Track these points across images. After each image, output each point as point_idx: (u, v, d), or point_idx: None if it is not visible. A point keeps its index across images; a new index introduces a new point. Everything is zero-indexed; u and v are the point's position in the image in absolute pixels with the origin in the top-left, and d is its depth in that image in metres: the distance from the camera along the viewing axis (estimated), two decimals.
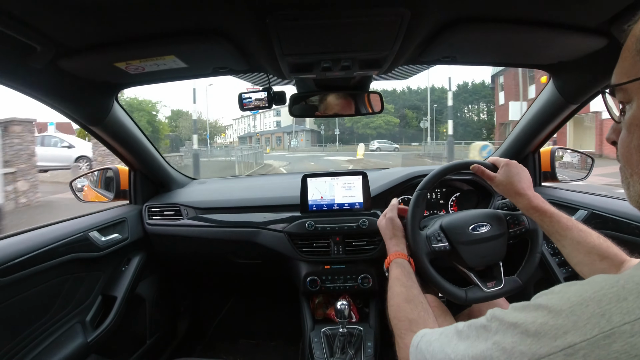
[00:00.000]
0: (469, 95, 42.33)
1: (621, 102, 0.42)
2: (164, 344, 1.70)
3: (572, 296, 0.33)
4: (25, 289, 0.98)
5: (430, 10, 0.72)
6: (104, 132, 1.23)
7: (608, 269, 0.70)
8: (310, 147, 40.43)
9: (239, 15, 0.71)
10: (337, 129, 38.00)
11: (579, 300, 0.32)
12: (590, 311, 0.31)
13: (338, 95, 1.24)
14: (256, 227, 1.45)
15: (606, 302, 0.30)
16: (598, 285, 0.33)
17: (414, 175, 1.50)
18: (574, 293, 0.34)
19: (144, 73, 0.98)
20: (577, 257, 0.76)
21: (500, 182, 0.90)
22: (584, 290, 0.33)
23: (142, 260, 1.45)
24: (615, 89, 0.42)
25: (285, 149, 41.07)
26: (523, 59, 1.06)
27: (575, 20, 0.78)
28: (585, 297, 0.32)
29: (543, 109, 1.26)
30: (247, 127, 54.99)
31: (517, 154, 1.47)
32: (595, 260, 0.73)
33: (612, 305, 0.30)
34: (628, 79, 0.39)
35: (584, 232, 0.77)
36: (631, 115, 0.40)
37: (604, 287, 0.32)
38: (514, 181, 0.87)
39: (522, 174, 0.89)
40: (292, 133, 43.22)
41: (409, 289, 0.78)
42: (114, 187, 1.53)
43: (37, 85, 0.91)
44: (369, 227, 1.35)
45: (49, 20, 0.68)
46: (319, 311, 1.42)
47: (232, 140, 58.67)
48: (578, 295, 0.33)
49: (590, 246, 0.74)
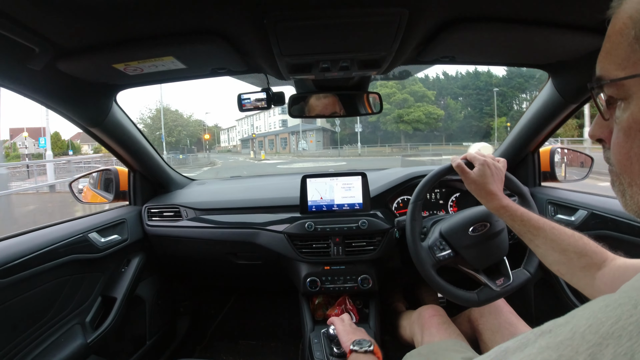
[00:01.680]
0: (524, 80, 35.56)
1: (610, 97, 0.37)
2: (164, 345, 1.70)
3: (587, 333, 0.27)
4: (25, 290, 0.98)
5: (428, 9, 0.72)
6: (103, 133, 1.23)
7: (587, 266, 0.68)
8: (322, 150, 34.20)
9: (237, 16, 0.71)
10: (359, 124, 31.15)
11: (596, 339, 0.26)
12: (612, 353, 0.25)
13: (337, 95, 1.24)
14: (256, 228, 1.45)
15: (627, 338, 0.25)
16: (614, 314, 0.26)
17: (413, 176, 1.50)
18: (588, 329, 0.27)
19: (143, 74, 0.98)
20: (552, 255, 0.74)
21: (473, 180, 0.88)
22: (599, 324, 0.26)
23: (141, 261, 1.45)
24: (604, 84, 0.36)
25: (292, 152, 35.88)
26: (522, 58, 1.06)
27: (574, 19, 0.78)
28: (602, 334, 0.26)
29: (542, 109, 1.26)
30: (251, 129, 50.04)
31: (516, 154, 1.47)
32: (573, 258, 0.71)
33: (633, 341, 0.24)
34: (625, 73, 0.33)
35: (557, 230, 0.75)
36: (630, 118, 0.34)
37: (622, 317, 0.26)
38: (488, 181, 0.86)
39: (497, 176, 0.88)
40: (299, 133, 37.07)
41: None
42: (113, 188, 1.53)
43: (36, 86, 0.91)
44: (368, 228, 1.35)
45: (47, 22, 0.68)
46: (319, 312, 1.42)
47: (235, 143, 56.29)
48: (594, 332, 0.26)
49: (566, 244, 0.72)
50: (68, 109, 1.06)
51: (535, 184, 1.47)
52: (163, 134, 32.16)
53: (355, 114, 1.27)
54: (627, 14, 0.32)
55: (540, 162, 1.48)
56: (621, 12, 0.33)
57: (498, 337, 0.97)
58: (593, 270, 0.68)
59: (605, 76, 0.36)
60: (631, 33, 0.32)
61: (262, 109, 1.18)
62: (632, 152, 0.34)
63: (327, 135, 37.65)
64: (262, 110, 1.18)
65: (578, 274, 0.70)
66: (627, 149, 0.35)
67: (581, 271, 0.69)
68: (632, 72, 0.32)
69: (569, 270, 0.72)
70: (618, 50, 0.34)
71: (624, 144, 0.35)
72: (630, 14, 0.32)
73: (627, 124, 0.34)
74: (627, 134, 0.34)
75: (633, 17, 0.32)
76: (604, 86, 0.36)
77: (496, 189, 0.85)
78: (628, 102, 0.34)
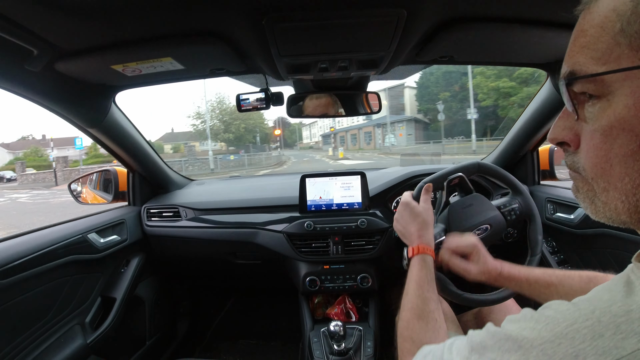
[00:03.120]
0: None
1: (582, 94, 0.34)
2: (164, 345, 1.70)
3: (543, 329, 0.30)
4: (24, 291, 0.98)
5: (426, 10, 0.72)
6: (102, 134, 1.23)
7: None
8: (415, 144, 27.45)
9: (235, 16, 0.71)
10: (473, 108, 19.81)
11: (551, 336, 0.29)
12: (563, 351, 0.27)
13: (336, 95, 1.24)
14: (255, 227, 1.45)
15: (580, 341, 0.27)
16: (571, 317, 0.29)
17: (412, 175, 1.50)
18: (545, 325, 0.30)
19: (141, 75, 0.98)
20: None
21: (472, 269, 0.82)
22: (556, 323, 0.29)
23: (141, 262, 1.45)
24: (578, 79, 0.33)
25: (378, 148, 30.96)
26: (521, 57, 1.06)
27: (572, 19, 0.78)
28: (557, 333, 0.29)
29: (541, 108, 1.26)
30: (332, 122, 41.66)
31: (515, 153, 1.47)
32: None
33: (586, 344, 0.27)
34: (606, 68, 0.31)
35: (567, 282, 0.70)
36: (612, 116, 0.31)
37: (578, 320, 0.28)
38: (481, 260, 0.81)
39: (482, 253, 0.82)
40: (386, 126, 30.85)
41: (426, 302, 0.67)
42: (112, 188, 1.54)
43: (35, 88, 0.91)
44: (367, 227, 1.35)
45: (45, 24, 0.68)
46: (319, 311, 1.42)
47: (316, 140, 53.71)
48: (549, 330, 0.29)
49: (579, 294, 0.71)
50: (66, 110, 1.06)
51: (534, 183, 1.48)
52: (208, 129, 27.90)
53: (354, 113, 1.27)
54: (609, 7, 0.31)
55: (539, 161, 1.48)
56: (600, 6, 0.32)
57: None
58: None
59: (579, 71, 0.33)
60: (616, 26, 0.30)
61: (261, 110, 1.18)
62: (612, 154, 0.32)
63: (420, 126, 30.74)
64: (261, 110, 1.18)
65: None
66: (606, 150, 0.32)
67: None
68: (614, 67, 0.30)
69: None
70: (598, 44, 0.32)
71: (602, 145, 0.32)
72: (615, 7, 0.30)
73: (608, 123, 0.31)
74: (607, 133, 0.32)
75: (618, 9, 0.30)
76: (576, 83, 0.33)
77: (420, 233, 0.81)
78: (608, 100, 0.31)
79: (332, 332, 1.11)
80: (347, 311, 1.40)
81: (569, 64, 0.34)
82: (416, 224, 0.82)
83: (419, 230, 0.81)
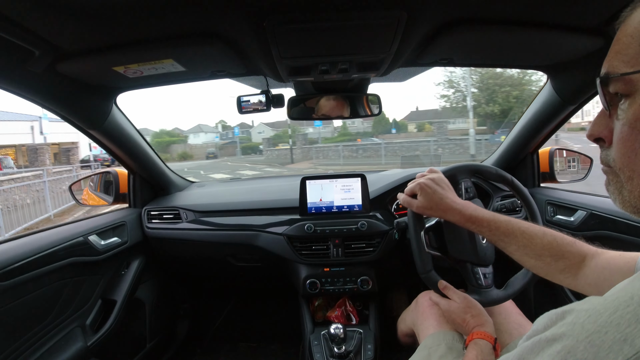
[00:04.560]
0: None
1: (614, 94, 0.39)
2: (164, 348, 1.70)
3: (586, 322, 0.30)
4: (25, 293, 0.98)
5: (426, 12, 0.72)
6: (103, 135, 1.23)
7: (566, 269, 0.68)
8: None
9: (236, 19, 0.72)
10: None
11: (596, 327, 0.29)
12: (611, 338, 0.28)
13: (336, 97, 1.24)
14: (255, 229, 1.45)
15: (625, 325, 0.28)
16: (612, 306, 0.30)
17: (412, 177, 1.49)
18: (587, 318, 0.31)
19: (142, 77, 0.98)
20: (528, 262, 0.73)
21: (424, 207, 0.85)
22: (598, 315, 0.30)
23: (141, 264, 1.45)
24: (611, 79, 0.38)
25: None
26: (520, 60, 1.07)
27: (572, 21, 0.78)
28: (602, 323, 0.29)
29: (541, 110, 1.26)
30: None
31: (515, 155, 1.47)
32: (550, 263, 0.70)
33: (632, 327, 0.28)
34: (633, 69, 0.36)
35: (528, 234, 0.73)
36: (637, 110, 0.36)
37: (619, 308, 0.29)
38: (436, 200, 0.82)
39: (441, 189, 0.84)
40: None
41: None
42: (113, 190, 1.53)
43: (36, 89, 0.91)
44: (368, 229, 1.35)
45: (47, 25, 0.68)
46: (319, 313, 1.42)
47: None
48: (593, 322, 0.30)
49: (539, 248, 0.71)
50: (68, 111, 1.06)
51: (534, 185, 1.48)
52: (469, 101, 18.78)
53: (355, 115, 1.27)
54: (638, 20, 0.36)
55: (539, 163, 1.48)
56: (633, 19, 0.37)
57: (506, 337, 0.97)
58: (573, 271, 0.68)
59: (612, 72, 0.38)
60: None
61: (262, 111, 1.18)
62: (637, 144, 0.36)
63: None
64: (262, 112, 1.19)
65: (558, 277, 0.70)
66: (632, 141, 0.37)
67: (561, 274, 0.69)
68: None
69: (549, 274, 0.71)
70: (628, 50, 0.37)
71: (629, 136, 0.37)
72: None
73: (633, 116, 0.36)
74: (633, 126, 0.36)
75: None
76: (610, 82, 0.38)
77: (450, 202, 0.81)
78: (634, 97, 0.36)
79: (332, 334, 1.11)
80: (348, 314, 1.40)
81: (605, 67, 0.39)
82: (470, 318, 0.84)
83: (475, 322, 0.83)
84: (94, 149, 28.78)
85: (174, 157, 35.77)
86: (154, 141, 40.77)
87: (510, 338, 0.96)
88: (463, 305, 0.85)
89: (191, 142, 44.69)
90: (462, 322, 0.84)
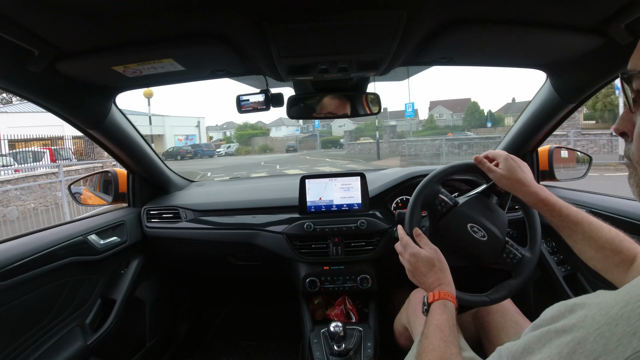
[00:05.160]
0: None
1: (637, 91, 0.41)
2: (164, 347, 1.70)
3: (597, 314, 0.30)
4: (24, 292, 0.98)
5: (426, 11, 0.72)
6: (102, 135, 1.23)
7: (621, 263, 0.69)
8: None
9: (236, 18, 0.72)
10: None
11: (607, 319, 0.29)
12: (621, 331, 0.28)
13: (335, 96, 1.24)
14: (255, 229, 1.45)
15: (635, 319, 0.28)
16: (623, 299, 0.30)
17: (411, 176, 1.50)
18: (598, 310, 0.31)
19: (142, 76, 0.98)
20: (589, 252, 0.74)
21: (503, 176, 0.85)
22: (609, 307, 0.30)
23: (141, 263, 1.45)
24: (634, 75, 0.40)
25: None
26: (520, 59, 1.07)
27: (572, 20, 0.78)
28: (612, 315, 0.29)
29: (540, 109, 1.26)
30: None
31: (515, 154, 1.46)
32: (609, 256, 0.70)
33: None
34: None
35: (595, 225, 0.74)
36: None
37: (630, 302, 0.29)
38: (517, 172, 0.83)
39: (524, 167, 0.86)
40: None
41: (449, 345, 0.66)
42: (112, 190, 1.53)
43: (35, 89, 0.91)
44: (367, 228, 1.36)
45: (47, 25, 0.68)
46: (319, 312, 1.42)
47: None
48: (604, 314, 0.30)
49: (603, 241, 0.71)
50: (67, 111, 1.06)
51: None
52: None
53: (354, 114, 1.27)
54: None
55: (538, 162, 1.48)
56: None
57: (503, 336, 0.97)
58: (626, 267, 0.69)
59: (634, 69, 0.41)
60: None
61: (261, 110, 1.18)
62: None
63: None
64: (261, 111, 1.19)
65: (612, 270, 0.71)
66: None
67: (615, 268, 0.70)
68: None
69: (604, 267, 0.72)
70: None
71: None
72: None
73: None
74: None
75: None
76: (633, 79, 0.40)
77: (529, 179, 0.83)
78: None
79: (332, 333, 1.12)
80: (347, 312, 1.40)
81: (631, 65, 0.41)
82: (432, 273, 0.82)
83: (438, 280, 0.81)
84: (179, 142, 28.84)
85: (255, 149, 35.81)
86: (237, 134, 41.67)
87: (507, 336, 0.96)
88: (431, 257, 0.83)
89: (273, 135, 44.98)
90: (425, 272, 0.83)
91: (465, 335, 1.01)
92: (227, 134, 49.66)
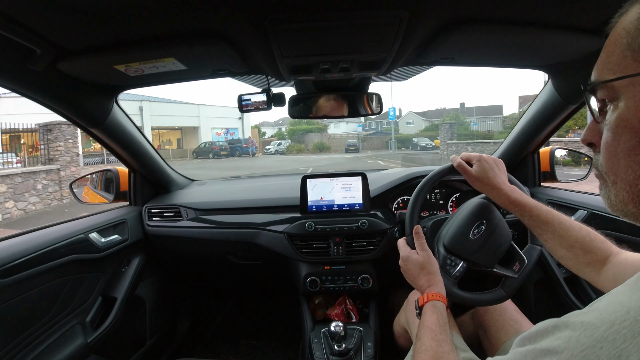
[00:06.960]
0: None
1: (602, 100, 0.40)
2: (164, 345, 1.70)
3: (581, 336, 0.30)
4: (25, 290, 0.98)
5: (428, 11, 0.72)
6: (104, 134, 1.23)
7: (592, 263, 0.70)
8: None
9: (238, 18, 0.72)
10: None
11: (591, 341, 0.29)
12: (606, 354, 0.28)
13: (337, 96, 1.25)
14: (256, 228, 1.45)
15: (621, 341, 0.28)
16: (608, 321, 0.30)
17: (413, 176, 1.50)
18: (583, 332, 0.30)
19: (144, 75, 0.98)
20: (559, 251, 0.76)
21: (476, 178, 0.87)
22: (594, 328, 0.30)
23: (142, 262, 1.46)
24: (597, 86, 0.39)
25: None
26: (521, 60, 1.06)
27: (574, 21, 0.78)
28: (597, 337, 0.29)
29: (542, 110, 1.26)
30: None
31: (516, 155, 1.47)
32: (579, 255, 0.72)
33: (627, 343, 0.28)
34: (615, 76, 0.37)
35: (565, 225, 0.75)
36: (618, 116, 0.36)
37: (615, 323, 0.29)
38: (489, 175, 0.85)
39: (497, 168, 0.87)
40: None
41: (441, 344, 0.68)
42: (113, 188, 1.54)
43: (37, 87, 0.91)
44: (368, 228, 1.36)
45: (48, 24, 0.68)
46: (319, 312, 1.42)
47: None
48: (589, 336, 0.30)
49: (573, 240, 0.73)
50: (69, 109, 1.06)
51: (535, 184, 1.48)
52: None
53: (356, 114, 1.27)
54: (621, 26, 0.37)
55: (540, 163, 1.48)
56: (618, 25, 0.38)
57: (502, 334, 0.97)
58: (597, 267, 0.70)
59: (598, 79, 0.39)
60: (623, 41, 0.36)
61: (262, 110, 1.18)
62: (619, 149, 0.37)
63: None
64: (263, 111, 1.19)
65: (584, 270, 0.72)
66: (615, 146, 0.37)
67: (587, 267, 0.72)
68: (621, 75, 0.36)
69: (575, 266, 0.73)
70: (612, 58, 0.38)
71: (612, 141, 0.38)
72: (624, 26, 0.36)
73: (615, 122, 0.37)
74: (615, 132, 0.37)
75: (626, 28, 0.36)
76: (597, 89, 0.39)
77: (500, 181, 0.84)
78: (616, 103, 0.37)
79: (332, 332, 1.12)
80: (348, 312, 1.40)
81: (594, 75, 0.40)
82: (422, 275, 0.85)
83: (428, 281, 0.84)
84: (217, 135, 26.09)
85: (309, 147, 30.47)
86: (289, 129, 36.87)
87: (505, 335, 0.97)
88: (422, 260, 0.86)
89: (331, 132, 38.45)
90: (415, 275, 0.86)
91: (464, 335, 1.01)
92: (281, 130, 42.60)
